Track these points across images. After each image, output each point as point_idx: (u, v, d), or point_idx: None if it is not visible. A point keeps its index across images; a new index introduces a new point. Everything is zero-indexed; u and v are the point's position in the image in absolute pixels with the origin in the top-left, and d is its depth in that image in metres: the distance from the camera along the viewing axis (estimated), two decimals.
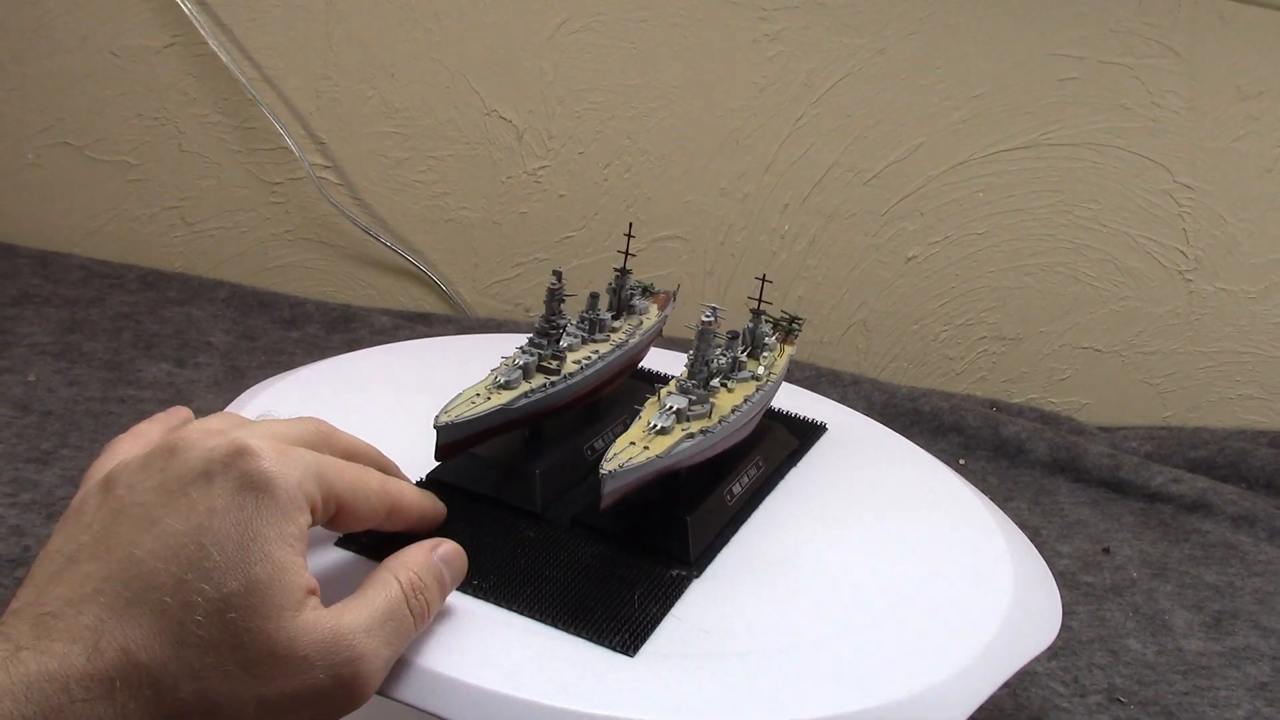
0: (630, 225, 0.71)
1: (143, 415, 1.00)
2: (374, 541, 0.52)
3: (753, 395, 0.60)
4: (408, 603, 0.45)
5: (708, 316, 0.56)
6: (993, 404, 1.25)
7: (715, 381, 0.58)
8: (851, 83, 1.21)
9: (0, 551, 0.78)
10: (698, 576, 0.54)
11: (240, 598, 0.40)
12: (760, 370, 0.63)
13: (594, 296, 0.65)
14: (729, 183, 1.25)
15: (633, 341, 0.66)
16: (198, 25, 1.22)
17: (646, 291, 0.72)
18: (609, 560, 0.54)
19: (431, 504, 0.53)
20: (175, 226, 1.30)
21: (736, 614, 0.51)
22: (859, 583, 0.56)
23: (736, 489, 0.60)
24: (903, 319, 1.28)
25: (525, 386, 0.58)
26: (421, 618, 0.46)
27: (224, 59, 1.23)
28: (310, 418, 0.51)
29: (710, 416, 0.56)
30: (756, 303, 0.65)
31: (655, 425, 0.53)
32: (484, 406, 0.55)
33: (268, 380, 0.73)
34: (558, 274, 0.61)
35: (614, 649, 0.48)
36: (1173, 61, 1.17)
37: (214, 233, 1.30)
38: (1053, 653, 0.83)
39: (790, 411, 0.74)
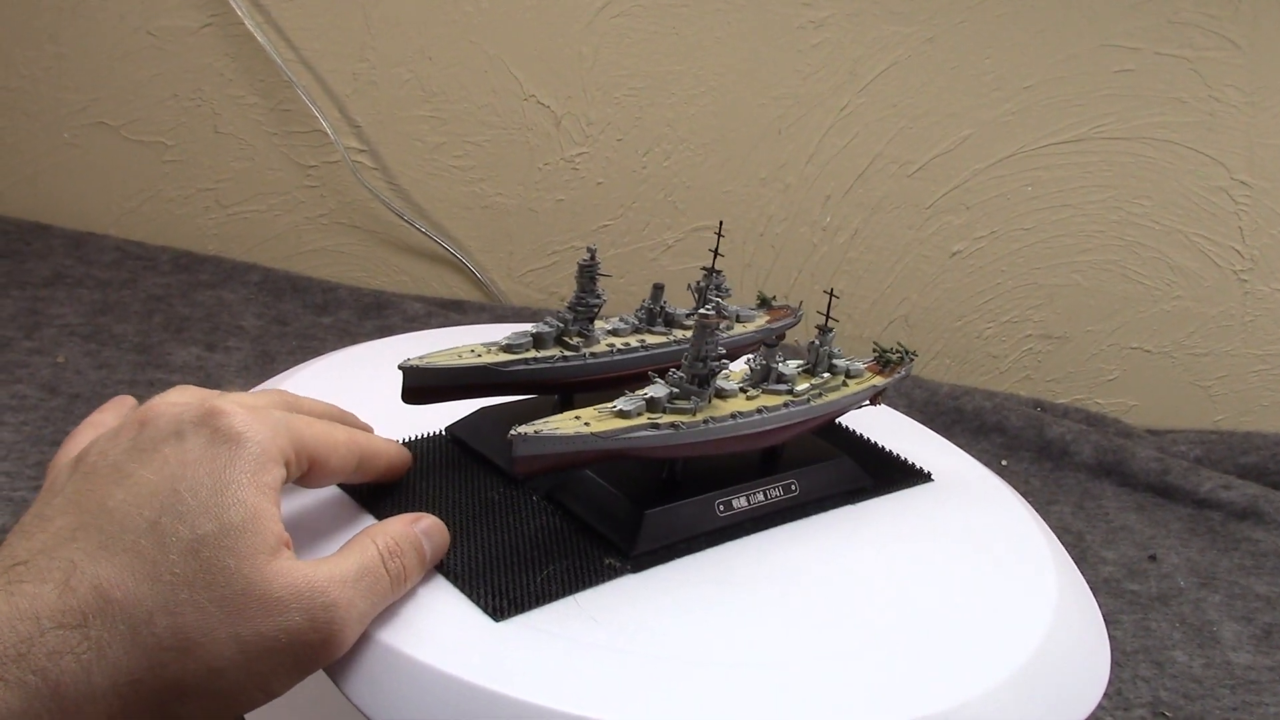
0: (720, 224, 0.68)
1: None
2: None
3: (774, 408, 0.56)
4: (384, 563, 0.45)
5: (709, 309, 0.54)
6: (1037, 404, 1.22)
7: (730, 384, 0.56)
8: (898, 72, 1.18)
9: None
10: (633, 572, 0.51)
11: (214, 537, 0.41)
12: (802, 387, 0.58)
13: (658, 288, 0.63)
14: (770, 173, 1.23)
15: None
16: (234, 5, 1.21)
17: (765, 303, 0.69)
18: (551, 535, 0.53)
19: (398, 451, 0.54)
20: (210, 209, 1.30)
21: (645, 615, 0.49)
22: (831, 618, 0.51)
23: (740, 503, 0.56)
24: (946, 315, 1.25)
25: (530, 354, 0.56)
26: (399, 580, 0.46)
27: (260, 40, 1.22)
28: (274, 389, 0.53)
29: (694, 414, 0.53)
30: (824, 318, 0.61)
31: (616, 406, 0.51)
32: (464, 361, 0.55)
33: (296, 366, 0.72)
34: (591, 250, 0.59)
35: (484, 610, 0.47)
36: (1232, 54, 1.14)
37: (248, 215, 1.29)
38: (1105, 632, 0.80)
39: (900, 453, 0.67)
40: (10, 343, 1.03)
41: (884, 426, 0.71)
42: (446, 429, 0.61)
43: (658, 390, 0.53)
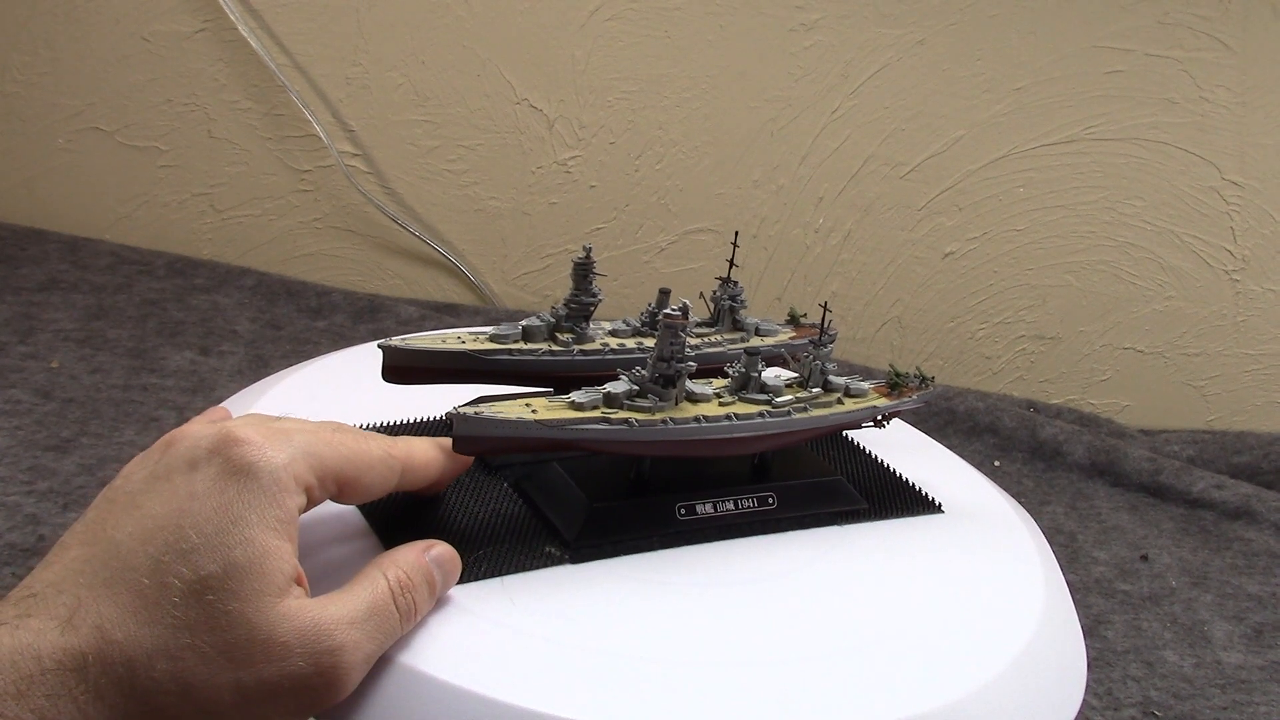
0: (736, 234, 0.67)
1: (164, 404, 1.00)
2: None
3: (746, 416, 0.55)
4: (394, 600, 0.44)
5: (675, 309, 0.53)
6: (1030, 404, 1.22)
7: (706, 389, 0.55)
8: (890, 74, 1.18)
9: (15, 540, 0.77)
10: (571, 563, 0.52)
11: (218, 580, 0.40)
12: (784, 399, 0.57)
13: (663, 293, 0.62)
14: (763, 175, 1.23)
15: (710, 352, 0.63)
16: (228, 10, 1.21)
17: (794, 320, 0.68)
18: (504, 521, 0.53)
19: (450, 454, 0.51)
20: (205, 213, 1.30)
21: (566, 602, 0.49)
22: (773, 622, 0.50)
23: (705, 509, 0.55)
24: (939, 316, 1.25)
25: (517, 345, 0.57)
26: (408, 616, 0.45)
27: (254, 45, 1.22)
28: (329, 420, 0.50)
29: (652, 413, 0.52)
30: (818, 332, 0.59)
31: (572, 398, 0.51)
32: (446, 345, 0.55)
33: (286, 370, 0.73)
34: (587, 249, 0.59)
35: None
36: (1223, 55, 1.14)
37: (242, 220, 1.30)
38: (1086, 662, 0.80)
39: (916, 479, 0.64)
40: (4, 348, 1.03)
41: (907, 447, 0.70)
42: (446, 414, 0.61)
43: (618, 386, 0.52)
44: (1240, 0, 1.12)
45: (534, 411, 0.50)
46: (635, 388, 0.53)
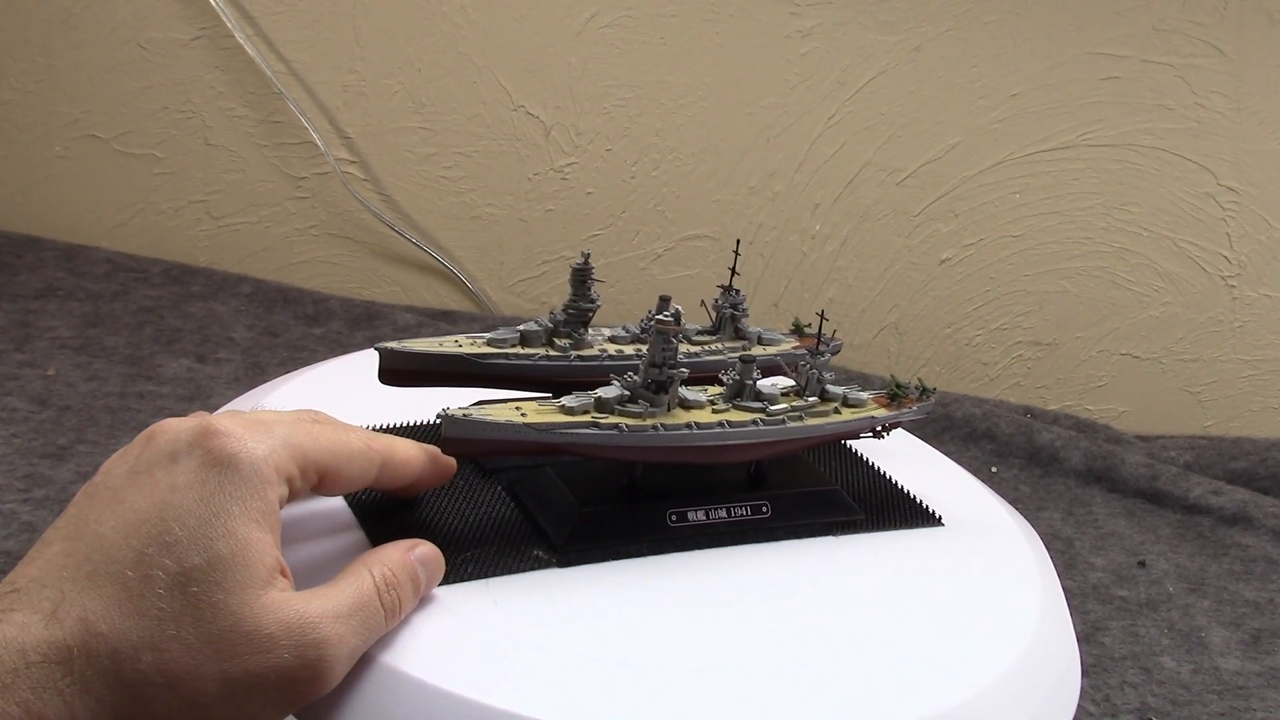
0: (738, 242, 0.67)
1: (160, 411, 1.00)
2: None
3: (739, 424, 0.55)
4: (379, 597, 0.44)
5: (667, 315, 0.53)
6: (1027, 410, 1.22)
7: (699, 396, 0.55)
8: (885, 80, 1.19)
9: (11, 548, 0.77)
10: (558, 566, 0.52)
11: (202, 572, 0.41)
12: (779, 407, 0.56)
13: (663, 300, 0.63)
14: (759, 181, 1.23)
15: (709, 359, 0.62)
16: (225, 18, 1.21)
17: (798, 330, 0.68)
18: (494, 524, 0.53)
19: (433, 458, 0.51)
20: (201, 220, 1.30)
21: (551, 605, 0.49)
22: (756, 628, 0.50)
23: (696, 515, 0.55)
24: (936, 322, 1.25)
25: (514, 350, 0.57)
26: (392, 613, 0.45)
27: (250, 52, 1.22)
28: (307, 409, 0.51)
29: (643, 419, 0.52)
30: (816, 341, 0.59)
31: (562, 402, 0.51)
32: (443, 349, 0.55)
33: (283, 377, 0.73)
34: (585, 254, 0.59)
35: None
36: (1218, 61, 1.14)
37: (239, 227, 1.30)
38: (1083, 670, 0.80)
39: (913, 491, 0.63)
40: (0, 355, 1.03)
41: (905, 455, 0.69)
42: (436, 416, 0.61)
43: (609, 391, 0.52)
44: (1235, 6, 1.12)
45: (523, 415, 0.50)
46: (627, 393, 0.53)
